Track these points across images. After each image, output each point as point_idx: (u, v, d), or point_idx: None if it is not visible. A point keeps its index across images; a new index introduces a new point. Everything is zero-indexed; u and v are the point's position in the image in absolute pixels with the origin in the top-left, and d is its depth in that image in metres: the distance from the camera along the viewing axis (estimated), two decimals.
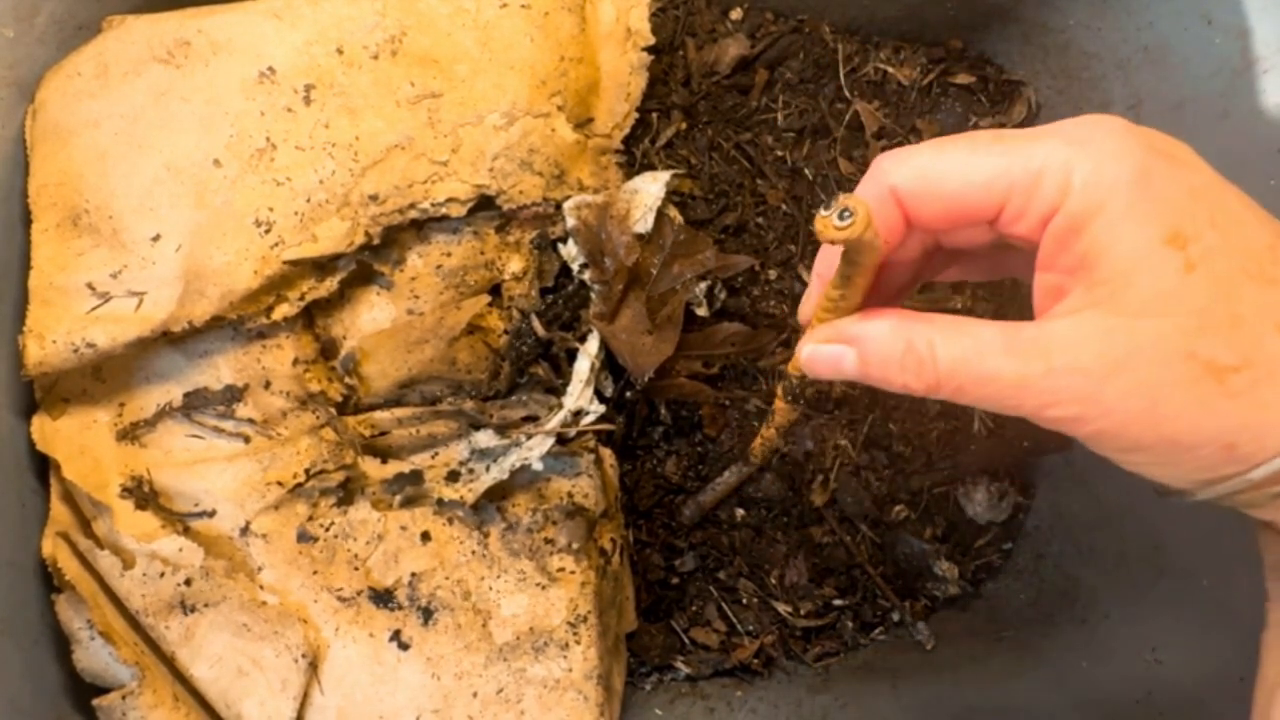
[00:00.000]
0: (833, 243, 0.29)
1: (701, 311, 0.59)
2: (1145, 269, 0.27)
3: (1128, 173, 0.27)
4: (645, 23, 0.58)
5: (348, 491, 0.55)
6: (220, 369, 0.54)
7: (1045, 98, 0.67)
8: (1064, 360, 0.28)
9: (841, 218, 0.29)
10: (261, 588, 0.52)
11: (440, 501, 0.54)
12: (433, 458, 0.56)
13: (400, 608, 0.53)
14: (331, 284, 0.53)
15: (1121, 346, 0.27)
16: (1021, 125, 0.68)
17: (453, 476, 0.55)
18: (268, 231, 0.52)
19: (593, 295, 0.57)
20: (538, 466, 0.54)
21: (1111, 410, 0.28)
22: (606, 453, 0.57)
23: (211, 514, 0.53)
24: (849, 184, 0.64)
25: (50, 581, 0.52)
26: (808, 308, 0.38)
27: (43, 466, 0.54)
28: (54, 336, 0.51)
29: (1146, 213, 0.27)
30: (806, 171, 0.64)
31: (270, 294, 0.53)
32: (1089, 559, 0.64)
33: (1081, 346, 0.28)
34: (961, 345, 0.30)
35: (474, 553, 0.54)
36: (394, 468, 0.55)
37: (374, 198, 0.53)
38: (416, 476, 0.55)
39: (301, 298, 0.53)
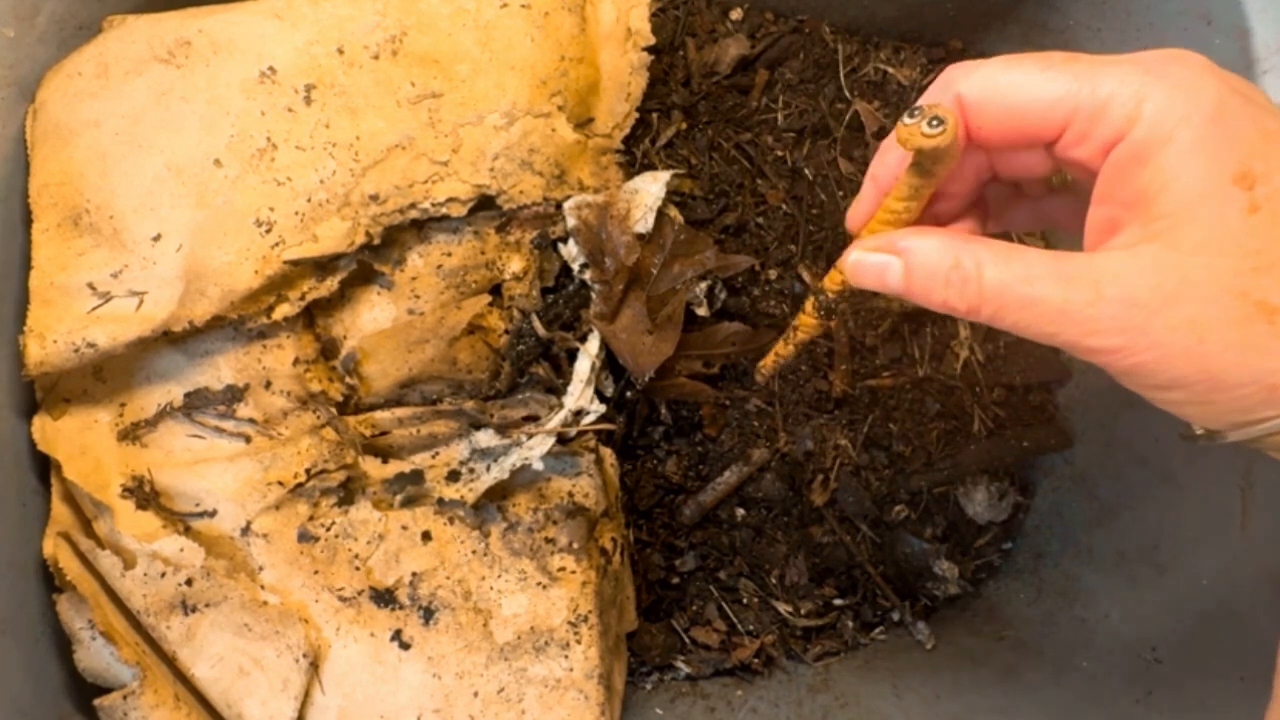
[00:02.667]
0: (919, 150, 0.30)
1: (702, 311, 0.59)
2: (1209, 205, 0.27)
3: (1203, 107, 0.27)
4: (645, 23, 0.58)
5: (348, 491, 0.55)
6: (221, 369, 0.54)
7: None
8: (1114, 290, 0.28)
9: (931, 125, 0.29)
10: (262, 588, 0.52)
11: (441, 501, 0.54)
12: (433, 457, 0.56)
13: (401, 607, 0.53)
14: (332, 284, 0.53)
15: (1174, 281, 0.27)
16: None
17: (453, 476, 0.55)
18: (268, 231, 0.52)
19: (593, 295, 0.57)
20: (538, 466, 0.54)
21: (1157, 344, 0.27)
22: (607, 452, 0.57)
23: (212, 514, 0.53)
24: (849, 184, 0.64)
25: (51, 581, 0.52)
26: (858, 216, 0.38)
27: (44, 467, 0.54)
28: (55, 336, 0.51)
29: (1218, 149, 0.27)
30: (806, 171, 0.64)
31: (271, 294, 0.53)
32: (1089, 559, 0.64)
33: (1134, 278, 0.27)
34: (1010, 268, 0.29)
35: (475, 552, 0.54)
36: (395, 467, 0.55)
37: (375, 197, 0.53)
38: (417, 476, 0.55)
39: (302, 297, 0.53)
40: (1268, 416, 0.28)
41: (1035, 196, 0.36)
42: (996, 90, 0.30)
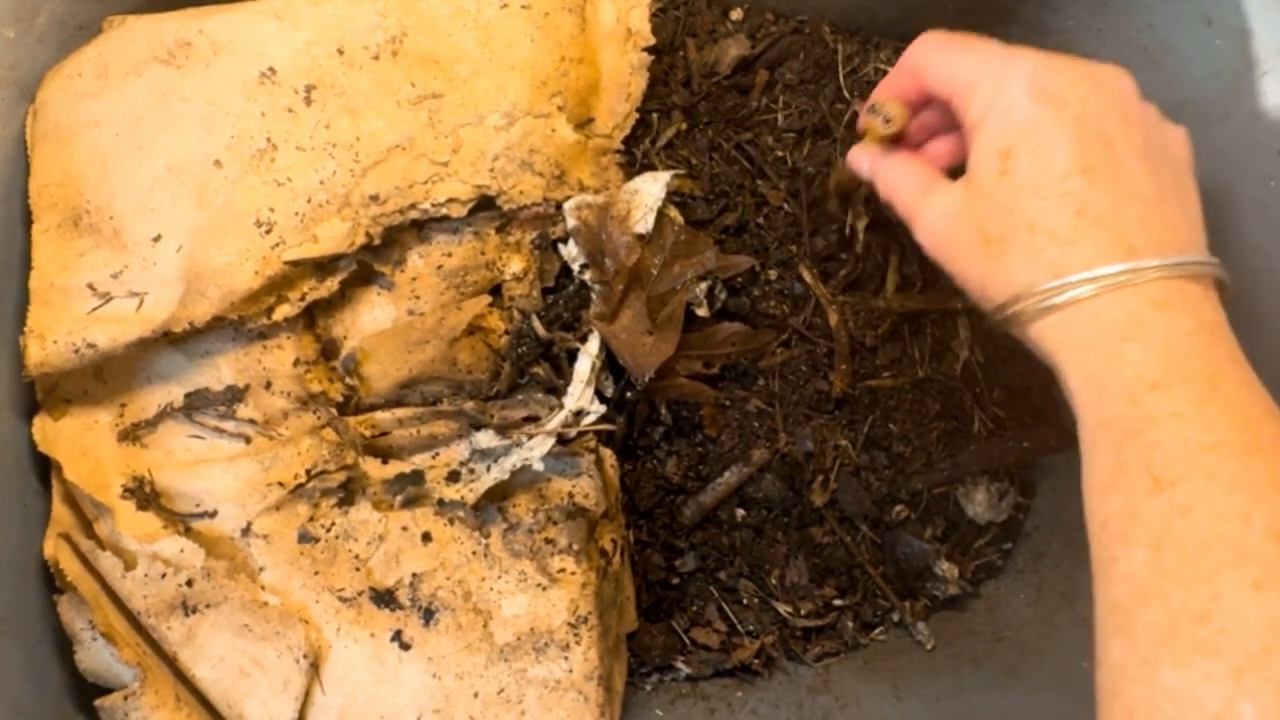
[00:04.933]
0: (883, 137, 0.48)
1: (702, 312, 0.59)
2: (982, 168, 0.41)
3: (1003, 104, 0.40)
4: (646, 23, 0.58)
5: (349, 492, 0.55)
6: (221, 369, 0.54)
7: None
8: (934, 201, 0.44)
9: (885, 122, 0.46)
10: (263, 588, 0.52)
11: (441, 502, 0.54)
12: (433, 458, 0.56)
13: (401, 608, 0.53)
14: (332, 284, 0.53)
15: (957, 208, 0.42)
16: None
17: (453, 477, 0.55)
18: (269, 232, 0.52)
19: (593, 295, 0.57)
20: (538, 467, 0.54)
21: (938, 242, 0.43)
22: (607, 453, 0.57)
23: (213, 514, 0.53)
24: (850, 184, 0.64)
25: (52, 582, 0.52)
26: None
27: (44, 467, 0.54)
28: (55, 337, 0.51)
29: (997, 134, 0.40)
30: (807, 171, 0.64)
31: (271, 294, 0.53)
32: (1089, 559, 0.64)
33: (944, 199, 0.43)
34: (901, 174, 0.47)
35: (475, 553, 0.54)
36: (395, 468, 0.55)
37: (375, 198, 0.53)
38: (417, 477, 0.55)
39: (302, 298, 0.53)
40: (985, 305, 0.42)
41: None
42: (926, 64, 0.44)
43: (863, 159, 0.50)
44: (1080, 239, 0.38)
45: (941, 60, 0.44)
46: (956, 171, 0.45)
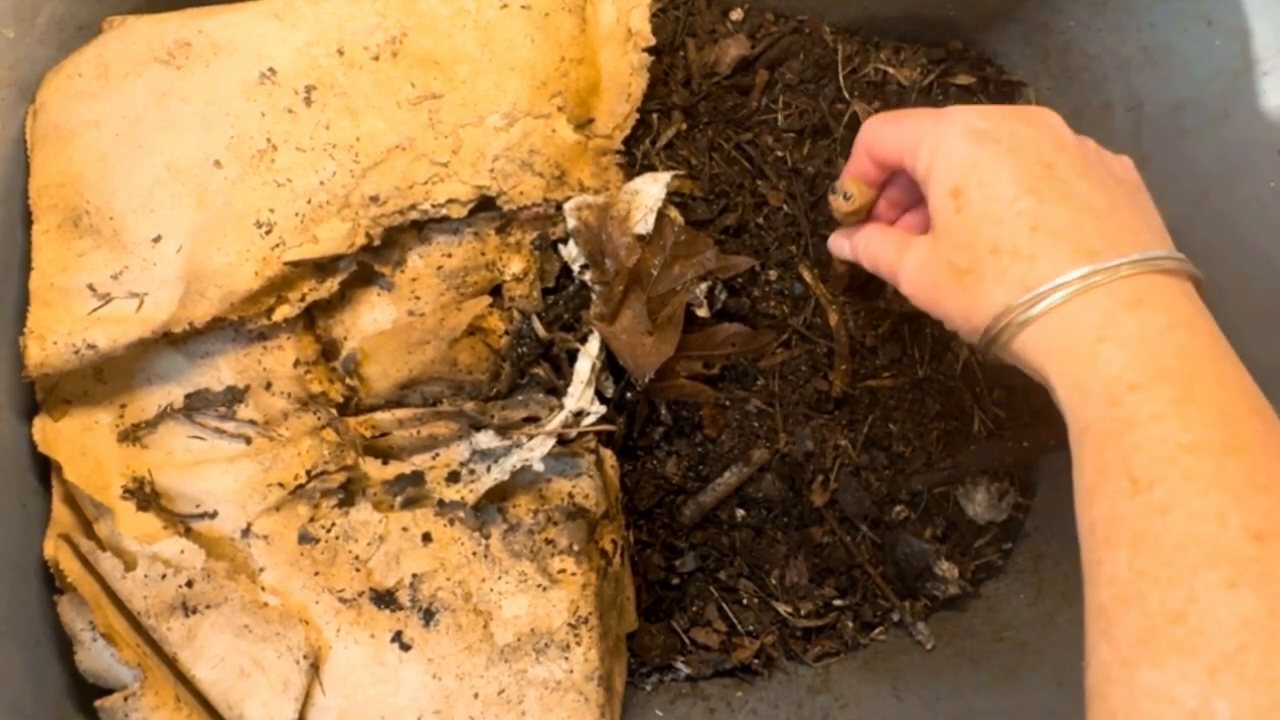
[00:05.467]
0: (844, 216, 0.52)
1: (702, 312, 0.59)
2: (939, 210, 0.43)
3: (944, 151, 0.43)
4: (646, 23, 0.58)
5: (349, 493, 0.55)
6: (221, 370, 0.54)
7: (1045, 98, 0.67)
8: (910, 257, 0.46)
9: (845, 199, 0.50)
10: (263, 589, 0.52)
11: (441, 502, 0.54)
12: (434, 459, 0.56)
13: (401, 609, 0.53)
14: (332, 285, 0.53)
15: (927, 255, 0.44)
16: None
17: (454, 477, 0.55)
18: (268, 232, 0.52)
19: (593, 296, 0.57)
20: (539, 467, 0.54)
21: (920, 290, 0.45)
22: (607, 453, 0.57)
23: (213, 515, 0.53)
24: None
25: (52, 583, 0.52)
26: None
27: (44, 468, 0.54)
28: (55, 338, 0.51)
29: (944, 177, 0.43)
30: (807, 172, 0.64)
31: (271, 295, 0.53)
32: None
33: (917, 253, 0.45)
34: (875, 243, 0.50)
35: (475, 554, 0.54)
36: (395, 469, 0.55)
37: (375, 199, 0.53)
38: (418, 477, 0.55)
39: (302, 299, 0.53)
40: (973, 338, 0.43)
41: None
42: (875, 140, 0.48)
43: (842, 242, 0.54)
44: (1041, 251, 0.39)
45: (886, 132, 0.47)
46: None
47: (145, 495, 0.52)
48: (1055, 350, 0.39)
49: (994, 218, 0.41)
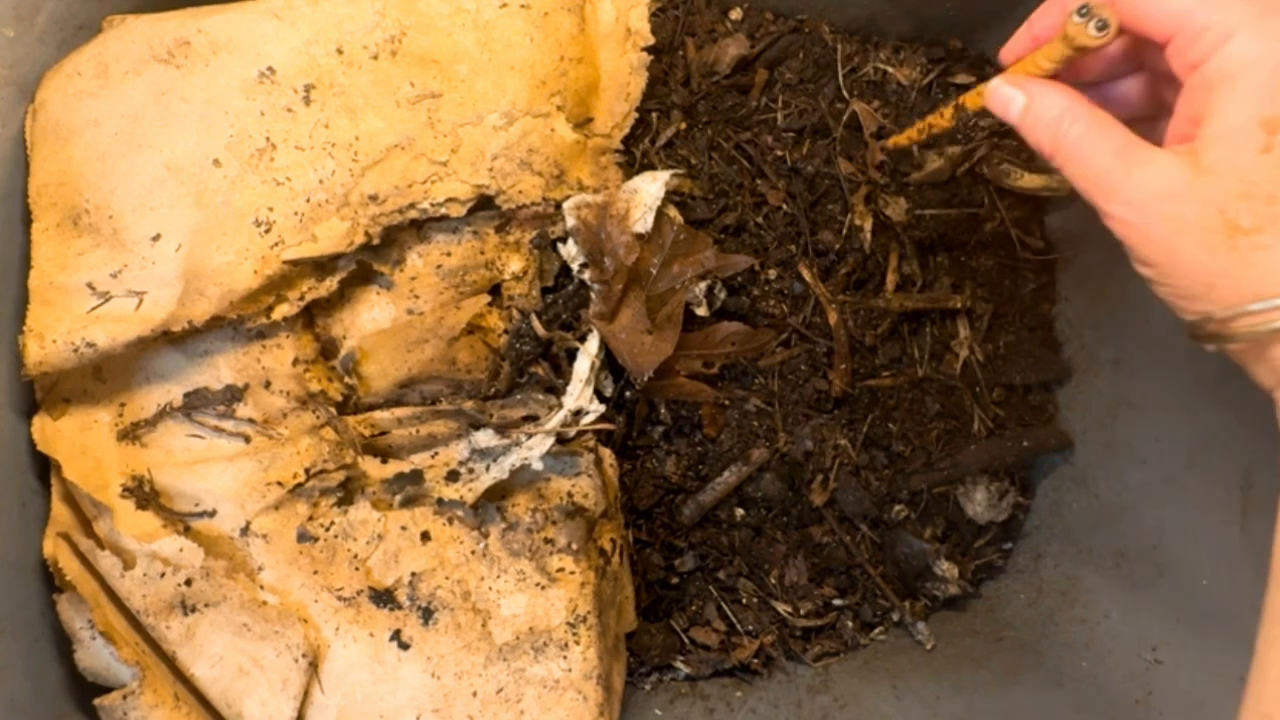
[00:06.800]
0: (1084, 49, 0.36)
1: (701, 311, 0.59)
2: (1231, 140, 0.33)
3: (1271, 60, 0.32)
4: (645, 23, 0.58)
5: (348, 491, 0.55)
6: (220, 369, 0.54)
7: None
8: (1139, 175, 0.34)
9: (1098, 29, 0.35)
10: (262, 588, 0.52)
11: (440, 501, 0.54)
12: (433, 457, 0.56)
13: (400, 607, 0.53)
14: (331, 284, 0.54)
15: (1180, 184, 0.33)
16: None
17: (453, 476, 0.55)
18: (268, 231, 0.52)
19: (592, 295, 0.57)
20: (537, 466, 0.54)
21: (1146, 224, 0.34)
22: (606, 452, 0.57)
23: (212, 514, 0.53)
24: (849, 184, 0.64)
25: (51, 581, 0.52)
26: (1011, 52, 0.44)
27: (44, 467, 0.54)
28: (54, 336, 0.51)
29: (1262, 96, 0.32)
30: (806, 171, 0.64)
31: (270, 294, 0.53)
32: (1089, 559, 0.64)
33: (1156, 172, 0.34)
34: (1088, 132, 0.36)
35: (474, 552, 0.54)
36: (394, 467, 0.55)
37: (374, 198, 0.53)
38: (416, 476, 0.55)
39: (301, 297, 0.53)
40: (1203, 310, 0.34)
41: (1155, 81, 0.42)
42: None
43: (1013, 94, 0.39)
44: None
45: None
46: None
47: (144, 494, 0.52)
48: None
49: None
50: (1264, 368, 0.34)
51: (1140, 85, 0.40)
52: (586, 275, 0.56)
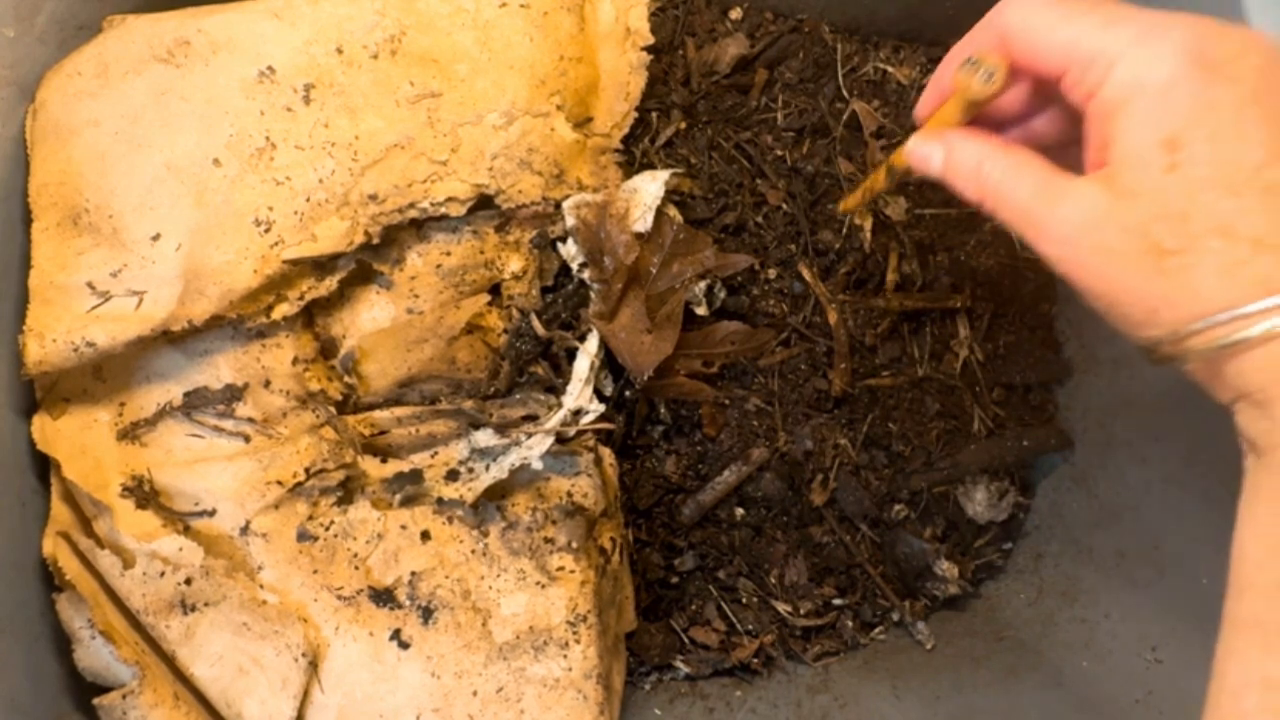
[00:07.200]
0: (977, 100, 0.37)
1: (701, 310, 0.59)
2: (1138, 162, 0.33)
3: (1157, 80, 0.32)
4: (645, 22, 0.58)
5: (347, 491, 0.55)
6: (220, 368, 0.54)
7: None
8: (1064, 209, 0.34)
9: (985, 79, 0.36)
10: (262, 587, 0.52)
11: (440, 500, 0.54)
12: (432, 457, 0.56)
13: (400, 607, 0.53)
14: (331, 283, 0.54)
15: (1102, 213, 0.33)
16: None
17: (452, 475, 0.55)
18: (267, 231, 0.52)
19: (592, 294, 0.57)
20: (537, 465, 0.54)
21: (1080, 257, 0.34)
22: (606, 452, 0.57)
23: (212, 513, 0.53)
24: (849, 183, 0.64)
25: (51, 581, 0.52)
26: (923, 110, 0.44)
27: (43, 466, 0.54)
28: (54, 335, 0.51)
29: (1156, 117, 0.32)
30: (806, 170, 0.64)
31: (270, 293, 0.53)
32: (1089, 559, 0.64)
33: (1079, 204, 0.34)
34: (1009, 175, 0.36)
35: (474, 552, 0.54)
36: (394, 467, 0.55)
37: (373, 197, 0.53)
38: (416, 475, 0.55)
39: (301, 297, 0.53)
40: (1151, 335, 0.34)
41: (1061, 118, 0.42)
42: (1026, 28, 0.36)
43: (933, 149, 0.39)
44: None
45: (1051, 22, 0.35)
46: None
47: (144, 493, 0.52)
48: None
49: (1229, 188, 0.31)
50: (1219, 384, 0.34)
51: (1057, 116, 0.40)
52: (586, 275, 0.56)
